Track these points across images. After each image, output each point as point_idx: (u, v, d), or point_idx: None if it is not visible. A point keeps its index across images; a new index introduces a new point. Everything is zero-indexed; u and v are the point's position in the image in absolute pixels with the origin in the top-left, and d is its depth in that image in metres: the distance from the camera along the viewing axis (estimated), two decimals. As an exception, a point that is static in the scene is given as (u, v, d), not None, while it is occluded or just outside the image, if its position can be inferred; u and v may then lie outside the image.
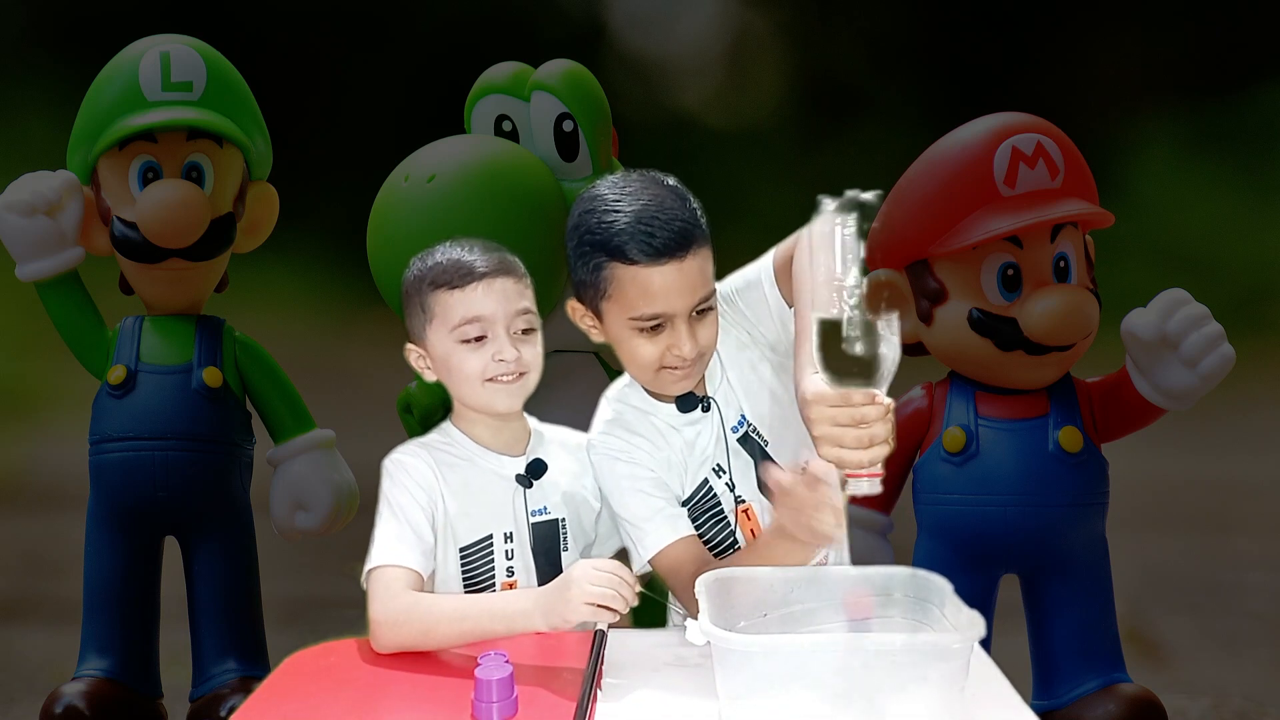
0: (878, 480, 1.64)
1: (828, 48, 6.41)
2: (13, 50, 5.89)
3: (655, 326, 1.89)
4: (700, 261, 1.90)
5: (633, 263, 1.86)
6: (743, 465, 2.01)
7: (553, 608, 1.77)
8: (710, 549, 2.02)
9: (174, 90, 2.72)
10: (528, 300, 1.97)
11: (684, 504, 2.01)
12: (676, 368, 1.92)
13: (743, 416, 2.01)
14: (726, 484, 2.01)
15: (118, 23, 4.95)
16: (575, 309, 1.98)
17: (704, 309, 1.91)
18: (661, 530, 1.96)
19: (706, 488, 2.02)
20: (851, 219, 1.59)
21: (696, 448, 2.02)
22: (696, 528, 2.01)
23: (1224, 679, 3.45)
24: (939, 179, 2.51)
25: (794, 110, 6.30)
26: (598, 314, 1.94)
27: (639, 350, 1.92)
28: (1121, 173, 5.76)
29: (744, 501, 2.02)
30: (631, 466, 1.99)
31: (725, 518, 2.02)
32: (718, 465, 2.01)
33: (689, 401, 1.99)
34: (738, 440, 2.01)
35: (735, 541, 2.03)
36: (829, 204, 1.60)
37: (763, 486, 1.99)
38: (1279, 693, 3.34)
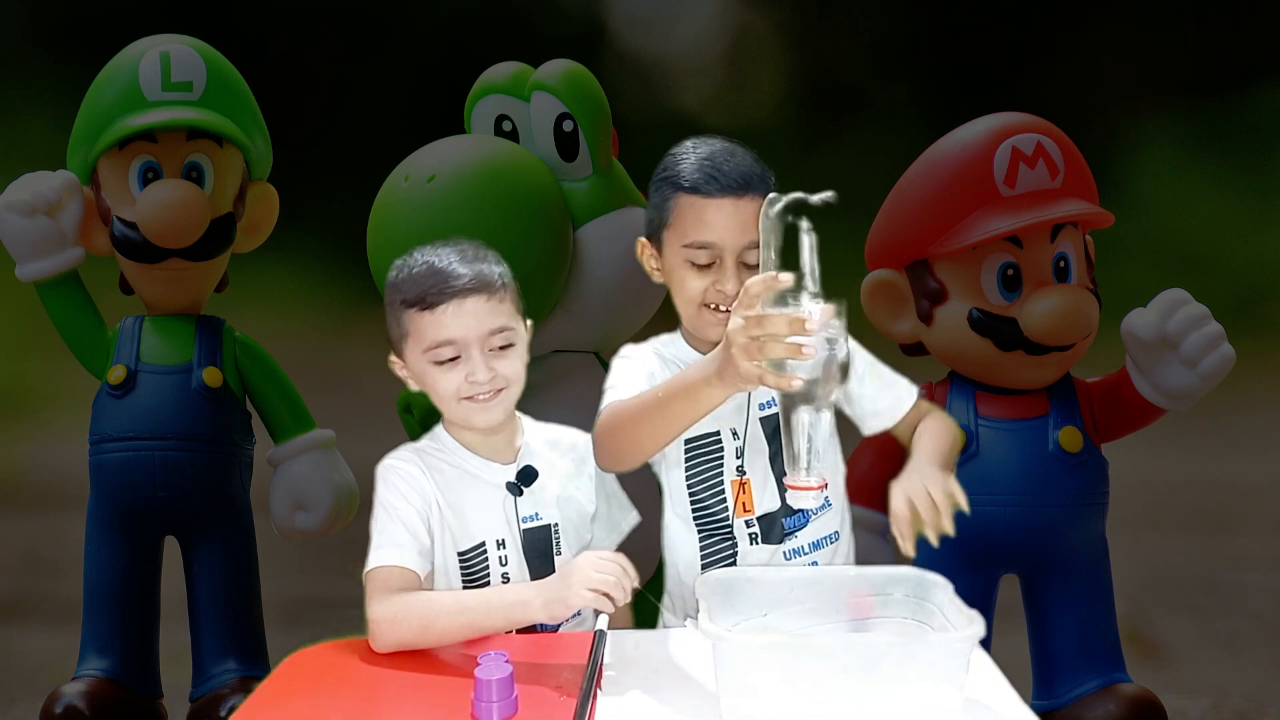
0: (823, 494, 1.70)
1: (828, 48, 6.41)
2: (13, 50, 5.89)
3: (706, 263, 1.98)
4: (759, 209, 1.93)
5: (694, 192, 1.97)
6: (758, 443, 2.03)
7: (553, 593, 1.77)
8: (695, 503, 2.04)
9: (174, 90, 2.73)
10: (503, 316, 1.93)
11: (688, 441, 2.03)
12: (719, 307, 1.97)
13: (774, 398, 2.02)
14: (737, 449, 2.03)
15: (118, 23, 4.94)
16: (643, 246, 2.08)
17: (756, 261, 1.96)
18: (634, 384, 1.97)
19: (715, 440, 2.04)
20: (801, 218, 1.63)
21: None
22: (690, 474, 2.04)
23: (1224, 679, 3.45)
24: (939, 179, 2.51)
25: (794, 110, 6.31)
26: (659, 246, 2.04)
27: (687, 282, 1.99)
28: (1121, 173, 5.75)
29: (745, 474, 2.03)
30: (641, 363, 2.03)
31: (721, 477, 2.03)
32: (734, 429, 2.04)
33: None
34: (761, 418, 2.03)
35: (725, 506, 2.04)
36: (777, 201, 1.66)
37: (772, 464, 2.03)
38: (1279, 693, 3.34)
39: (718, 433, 2.03)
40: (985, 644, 1.70)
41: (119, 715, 2.65)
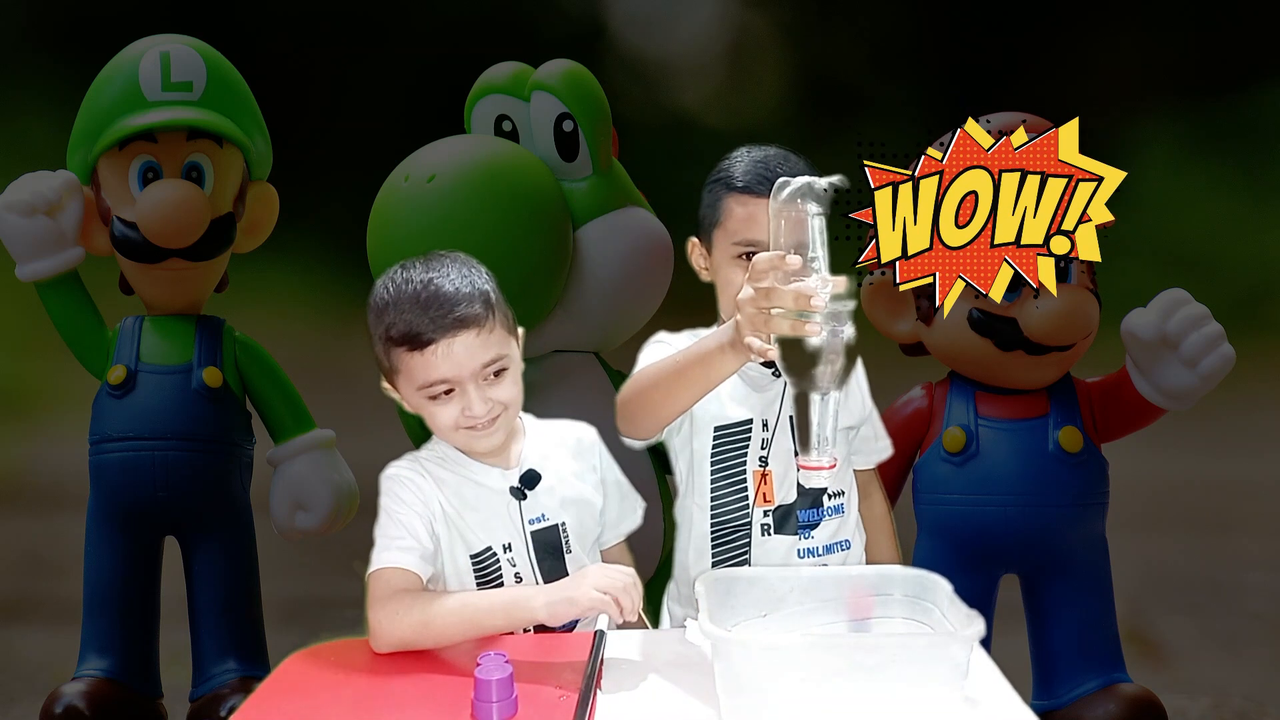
0: (834, 474, 1.72)
1: (828, 48, 6.41)
2: (13, 50, 5.88)
3: (752, 255, 1.95)
4: None
5: (745, 191, 2.02)
6: (785, 436, 2.05)
7: (557, 594, 1.78)
8: (715, 489, 2.06)
9: (174, 90, 2.73)
10: (494, 345, 1.87)
11: (718, 428, 2.06)
12: None
13: None
14: (764, 440, 2.05)
15: (118, 23, 4.94)
16: (693, 246, 2.11)
17: None
18: (661, 351, 2.00)
19: (746, 428, 2.06)
20: (810, 202, 1.65)
21: (743, 386, 2.06)
22: (715, 459, 2.06)
23: (1224, 679, 3.45)
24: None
25: (794, 110, 6.30)
26: (709, 246, 2.07)
27: (734, 278, 2.00)
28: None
29: (767, 465, 2.05)
30: (676, 348, 2.00)
31: (744, 466, 2.05)
32: (765, 420, 2.05)
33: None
34: (791, 415, 2.05)
35: (745, 494, 2.05)
36: (789, 185, 1.66)
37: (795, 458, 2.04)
38: (1279, 693, 3.34)
39: (750, 420, 2.05)
40: (985, 644, 1.70)
41: (119, 715, 2.65)
